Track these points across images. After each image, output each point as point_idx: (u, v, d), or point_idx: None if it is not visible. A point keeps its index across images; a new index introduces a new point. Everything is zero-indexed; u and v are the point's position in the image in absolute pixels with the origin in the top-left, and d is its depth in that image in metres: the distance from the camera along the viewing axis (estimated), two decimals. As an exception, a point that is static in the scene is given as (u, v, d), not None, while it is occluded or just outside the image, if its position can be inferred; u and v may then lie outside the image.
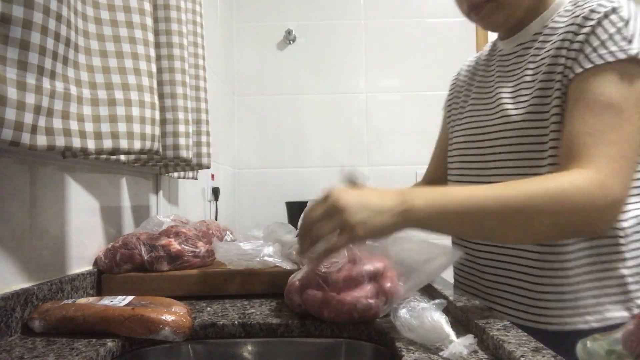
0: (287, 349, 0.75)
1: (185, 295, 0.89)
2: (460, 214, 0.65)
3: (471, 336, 0.59)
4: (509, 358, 0.54)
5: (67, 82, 0.65)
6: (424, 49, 2.39)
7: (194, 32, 1.21)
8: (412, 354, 0.58)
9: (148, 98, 0.78)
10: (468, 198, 0.65)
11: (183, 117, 1.06)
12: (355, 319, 0.71)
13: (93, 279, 0.91)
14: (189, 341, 0.73)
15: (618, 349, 0.37)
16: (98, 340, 0.66)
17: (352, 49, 2.43)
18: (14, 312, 0.68)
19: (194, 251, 0.96)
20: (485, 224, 0.66)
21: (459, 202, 0.65)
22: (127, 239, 0.93)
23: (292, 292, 0.77)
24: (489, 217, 0.65)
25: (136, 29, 0.78)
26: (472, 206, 0.65)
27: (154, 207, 1.28)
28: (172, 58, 1.03)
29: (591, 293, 0.76)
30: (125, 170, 1.10)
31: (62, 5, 0.60)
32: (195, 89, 1.22)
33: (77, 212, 0.90)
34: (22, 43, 0.55)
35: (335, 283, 0.71)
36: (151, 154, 0.81)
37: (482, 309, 0.73)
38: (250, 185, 2.41)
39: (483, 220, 0.66)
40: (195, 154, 1.24)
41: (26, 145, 0.57)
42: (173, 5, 1.03)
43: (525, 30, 0.85)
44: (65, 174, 0.87)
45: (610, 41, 0.70)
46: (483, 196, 0.65)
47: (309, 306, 0.74)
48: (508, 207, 0.65)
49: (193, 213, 1.62)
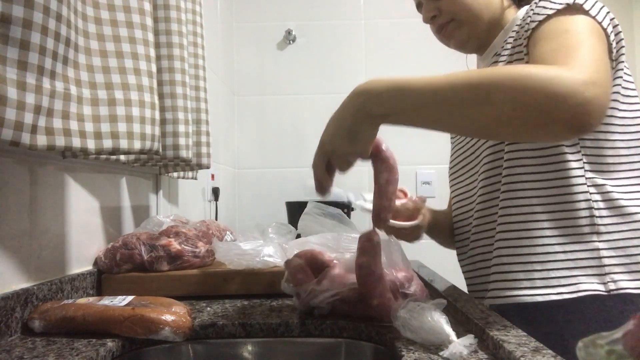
0: (287, 349, 0.75)
1: (185, 295, 0.89)
2: (417, 93, 0.62)
3: (471, 336, 0.59)
4: (509, 358, 0.54)
5: (67, 82, 0.65)
6: (424, 49, 2.39)
7: (194, 32, 1.21)
8: (412, 354, 0.58)
9: (148, 98, 0.78)
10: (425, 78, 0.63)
11: (183, 117, 1.06)
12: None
13: (93, 279, 0.91)
14: (189, 341, 0.73)
15: (618, 349, 0.37)
16: (98, 340, 0.66)
17: (352, 49, 2.43)
18: (14, 312, 0.68)
19: (194, 251, 0.96)
20: (443, 103, 0.62)
21: (415, 81, 0.63)
22: (127, 239, 0.93)
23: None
24: (445, 94, 0.61)
25: (136, 29, 0.78)
26: (427, 84, 0.62)
27: (154, 207, 1.28)
28: (172, 58, 1.03)
29: (563, 265, 0.77)
30: (125, 170, 1.10)
31: (62, 5, 0.60)
32: (195, 89, 1.22)
33: (77, 212, 0.90)
34: (22, 43, 0.55)
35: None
36: (151, 154, 0.81)
37: (482, 309, 0.73)
38: (250, 185, 2.41)
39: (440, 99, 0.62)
40: (195, 154, 1.24)
41: (26, 145, 0.57)
42: (173, 5, 1.03)
43: (494, 42, 0.90)
44: (65, 174, 0.87)
45: (550, 3, 0.75)
46: (438, 77, 0.62)
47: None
48: (467, 81, 0.61)
49: (193, 213, 1.62)
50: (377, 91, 0.64)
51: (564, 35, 0.70)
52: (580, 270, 0.77)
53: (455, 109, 0.62)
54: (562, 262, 0.77)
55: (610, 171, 0.79)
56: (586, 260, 0.77)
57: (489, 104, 0.59)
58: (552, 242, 0.78)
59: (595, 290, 0.76)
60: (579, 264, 0.77)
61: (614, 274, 0.76)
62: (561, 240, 0.78)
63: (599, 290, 0.75)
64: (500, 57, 0.86)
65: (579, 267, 0.77)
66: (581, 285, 0.76)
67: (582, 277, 0.76)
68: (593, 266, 0.76)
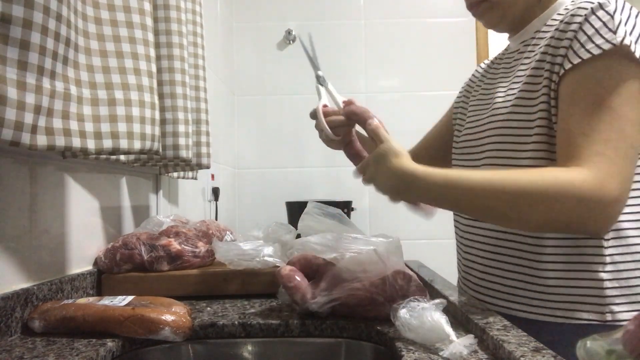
0: (287, 349, 0.75)
1: (185, 295, 0.89)
2: (459, 187, 0.70)
3: (471, 336, 0.59)
4: (509, 358, 0.54)
5: (67, 82, 0.65)
6: (424, 49, 2.39)
7: (194, 32, 1.21)
8: (412, 354, 0.58)
9: (148, 98, 0.78)
10: (469, 173, 0.72)
11: (183, 117, 1.06)
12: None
13: (93, 279, 0.91)
14: (189, 341, 0.73)
15: (618, 349, 0.37)
16: (98, 340, 0.66)
17: (352, 49, 2.42)
18: (14, 312, 0.68)
19: (194, 251, 0.96)
20: (482, 201, 0.70)
21: (460, 176, 0.72)
22: (127, 239, 0.93)
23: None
24: (486, 194, 0.69)
25: (136, 29, 0.78)
26: (472, 181, 0.70)
27: (154, 207, 1.28)
28: (172, 58, 1.03)
29: (564, 291, 0.76)
30: (125, 170, 1.10)
31: (62, 5, 0.60)
32: (195, 89, 1.22)
33: (77, 212, 0.90)
34: (22, 43, 0.55)
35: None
36: (151, 154, 0.81)
37: (482, 309, 0.73)
38: (250, 185, 2.41)
39: (481, 197, 0.69)
40: (195, 154, 1.24)
41: (26, 145, 0.57)
42: (173, 5, 1.03)
43: (527, 27, 0.86)
44: (65, 174, 0.87)
45: (597, 35, 0.70)
46: (476, 178, 0.70)
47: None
48: (499, 191, 0.68)
49: (193, 213, 1.62)
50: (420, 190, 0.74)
51: (598, 112, 0.68)
52: (579, 298, 0.75)
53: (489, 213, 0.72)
54: (563, 289, 0.76)
55: None
56: (588, 289, 0.75)
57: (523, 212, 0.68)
58: (557, 268, 0.76)
59: (592, 320, 0.74)
60: (579, 292, 0.75)
61: (614, 305, 0.74)
62: (566, 267, 0.76)
63: (596, 320, 0.74)
64: (527, 49, 0.83)
65: (579, 295, 0.75)
66: (577, 313, 0.75)
67: (580, 305, 0.75)
68: (594, 296, 0.75)
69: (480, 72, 1.02)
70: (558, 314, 0.76)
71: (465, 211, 0.79)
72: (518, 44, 0.88)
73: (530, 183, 0.67)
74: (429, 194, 0.73)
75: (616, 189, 0.66)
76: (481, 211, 0.73)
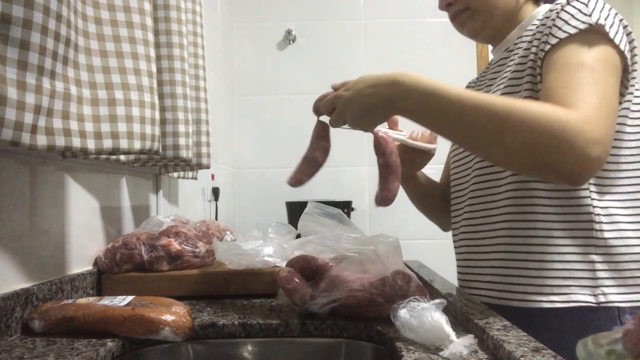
0: (287, 349, 0.75)
1: (185, 295, 0.89)
2: (443, 101, 0.68)
3: (471, 336, 0.59)
4: (509, 358, 0.54)
5: (67, 82, 0.65)
6: (424, 49, 2.39)
7: (194, 32, 1.21)
8: (412, 354, 0.58)
9: (148, 98, 0.78)
10: (455, 90, 0.69)
11: (183, 117, 1.06)
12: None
13: (93, 279, 0.91)
14: (189, 341, 0.73)
15: (618, 349, 0.37)
16: (98, 340, 0.66)
17: (352, 49, 2.43)
18: (14, 312, 0.68)
19: (194, 251, 0.96)
20: (462, 119, 0.68)
21: (445, 90, 0.68)
22: (127, 239, 0.93)
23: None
24: (467, 112, 0.67)
25: (136, 29, 0.78)
26: (456, 97, 0.68)
27: (154, 207, 1.28)
28: (172, 58, 1.03)
29: (558, 274, 0.78)
30: (125, 170, 1.10)
31: (62, 5, 0.60)
32: (195, 89, 1.22)
33: (77, 212, 0.90)
34: (22, 43, 0.55)
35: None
36: (151, 154, 0.81)
37: (482, 309, 0.73)
38: (250, 185, 2.41)
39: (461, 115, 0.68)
40: (195, 154, 1.24)
41: (26, 145, 0.57)
42: (173, 5, 1.03)
43: (508, 37, 0.90)
44: (65, 174, 0.87)
45: (573, 19, 0.74)
46: (467, 93, 0.68)
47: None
48: (486, 108, 0.66)
49: (193, 213, 1.62)
50: (411, 87, 0.69)
51: (579, 70, 0.69)
52: (573, 281, 0.77)
53: (473, 131, 0.68)
54: (557, 272, 0.78)
55: (612, 185, 0.79)
56: (581, 271, 0.77)
57: (502, 136, 0.66)
58: (551, 251, 0.78)
59: (586, 302, 0.76)
60: (573, 275, 0.77)
61: (605, 287, 0.76)
62: (560, 250, 0.78)
63: (589, 302, 0.76)
64: (512, 54, 0.86)
65: (573, 278, 0.77)
66: (573, 295, 0.77)
67: (575, 288, 0.77)
68: (586, 278, 0.77)
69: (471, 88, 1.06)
70: (555, 299, 0.77)
71: (451, 126, 0.71)
72: (502, 52, 0.92)
73: (518, 107, 0.65)
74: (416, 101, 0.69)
75: (600, 131, 0.65)
76: (466, 128, 0.69)
